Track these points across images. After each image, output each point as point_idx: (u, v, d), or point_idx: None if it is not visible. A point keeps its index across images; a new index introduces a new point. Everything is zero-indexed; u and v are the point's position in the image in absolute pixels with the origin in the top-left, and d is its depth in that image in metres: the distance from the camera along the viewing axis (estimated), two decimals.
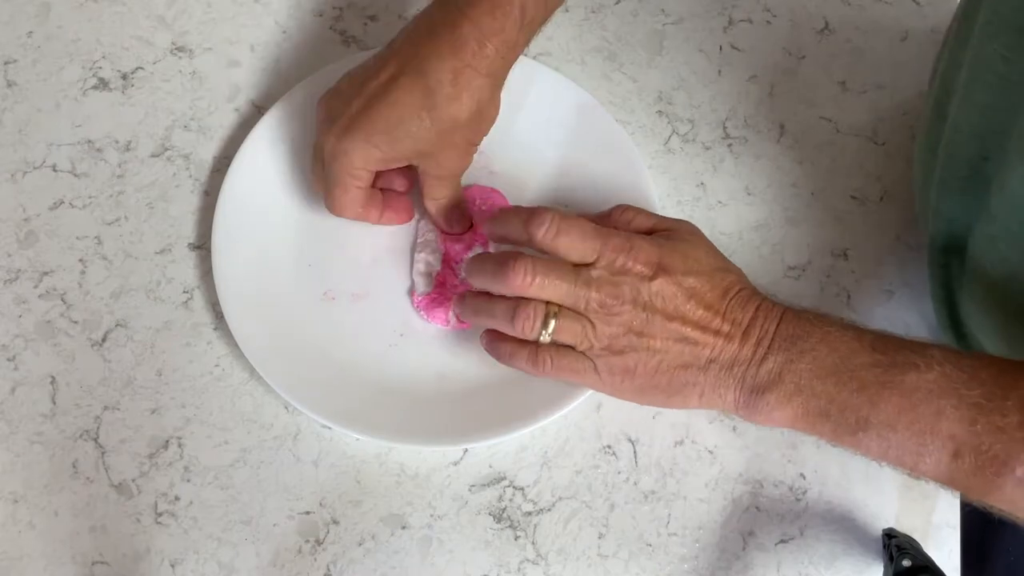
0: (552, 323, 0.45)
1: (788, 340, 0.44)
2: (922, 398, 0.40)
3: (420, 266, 0.54)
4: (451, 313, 0.53)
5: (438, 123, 0.48)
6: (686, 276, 0.45)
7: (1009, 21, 0.42)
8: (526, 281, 0.45)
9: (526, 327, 0.45)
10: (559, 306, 0.45)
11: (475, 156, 0.52)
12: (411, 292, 0.54)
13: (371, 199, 0.52)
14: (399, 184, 0.54)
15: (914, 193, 0.57)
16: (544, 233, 0.45)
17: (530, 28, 0.48)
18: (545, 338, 0.45)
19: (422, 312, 0.53)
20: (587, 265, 0.45)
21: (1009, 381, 0.39)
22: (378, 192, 0.53)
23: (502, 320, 0.46)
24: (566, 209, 0.56)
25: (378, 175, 0.52)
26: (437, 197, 0.53)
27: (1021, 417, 0.38)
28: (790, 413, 0.43)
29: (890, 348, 0.42)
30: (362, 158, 0.49)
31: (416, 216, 0.56)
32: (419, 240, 0.55)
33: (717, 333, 0.45)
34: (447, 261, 0.54)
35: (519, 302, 0.45)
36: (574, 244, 0.45)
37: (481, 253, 0.54)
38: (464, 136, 0.49)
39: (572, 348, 0.46)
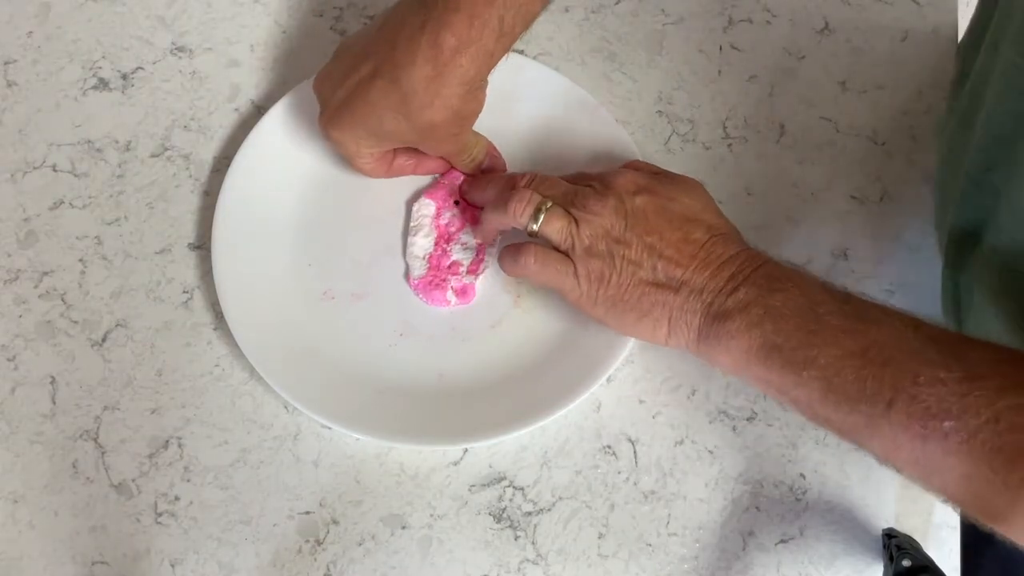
0: (542, 214, 0.48)
1: (764, 279, 0.44)
2: (874, 346, 0.40)
3: (415, 249, 0.54)
4: (448, 293, 0.53)
5: (415, 124, 0.48)
6: (672, 201, 0.48)
7: None
8: (525, 179, 0.51)
9: (518, 209, 0.49)
10: (551, 202, 0.49)
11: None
12: (407, 276, 0.54)
13: (397, 158, 0.54)
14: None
15: (934, 203, 0.57)
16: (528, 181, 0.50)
17: (508, 37, 0.48)
18: (534, 227, 0.48)
19: (420, 295, 0.54)
20: (583, 182, 0.50)
21: (966, 348, 0.39)
22: (407, 150, 0.54)
23: (498, 200, 0.50)
24: None
25: None
26: (461, 163, 0.55)
27: (963, 374, 0.37)
28: (746, 344, 0.43)
29: (860, 304, 0.43)
30: (353, 145, 0.51)
31: (408, 199, 0.56)
32: (412, 224, 0.55)
33: (693, 257, 0.46)
34: (440, 243, 0.55)
35: (516, 189, 0.50)
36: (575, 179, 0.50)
37: (482, 176, 0.56)
38: (447, 132, 0.50)
39: (555, 250, 0.49)
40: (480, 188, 0.54)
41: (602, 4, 0.63)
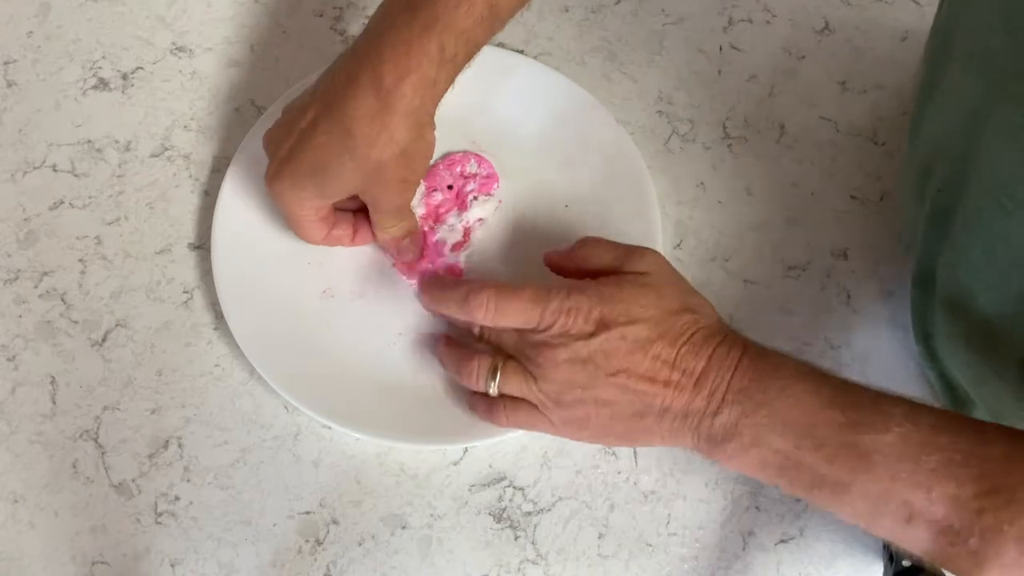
0: (498, 374, 0.47)
1: (742, 393, 0.42)
2: (879, 461, 0.39)
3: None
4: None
5: (361, 164, 0.46)
6: (629, 326, 0.44)
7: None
8: (475, 331, 0.49)
9: (471, 379, 0.48)
10: (505, 358, 0.47)
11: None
12: (393, 264, 0.55)
13: (337, 225, 0.52)
14: (353, 203, 0.53)
15: (900, 224, 0.56)
16: (484, 314, 0.45)
17: (451, 65, 0.46)
18: (493, 390, 0.47)
19: (403, 273, 0.54)
20: (531, 330, 0.46)
21: (967, 447, 0.38)
22: (346, 215, 0.52)
23: (451, 370, 0.50)
24: (566, 208, 0.56)
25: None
26: (385, 228, 0.52)
27: (977, 488, 0.37)
28: (747, 462, 0.42)
29: (849, 406, 0.41)
30: (295, 201, 0.49)
31: None
32: None
33: (667, 384, 0.44)
34: (428, 220, 0.56)
35: (466, 355, 0.48)
36: (515, 316, 0.45)
37: (440, 279, 0.52)
38: (395, 175, 0.48)
39: (526, 403, 0.47)
40: (436, 299, 0.49)
41: (602, 4, 0.63)
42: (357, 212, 0.53)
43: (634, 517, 0.51)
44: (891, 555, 0.49)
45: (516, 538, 0.51)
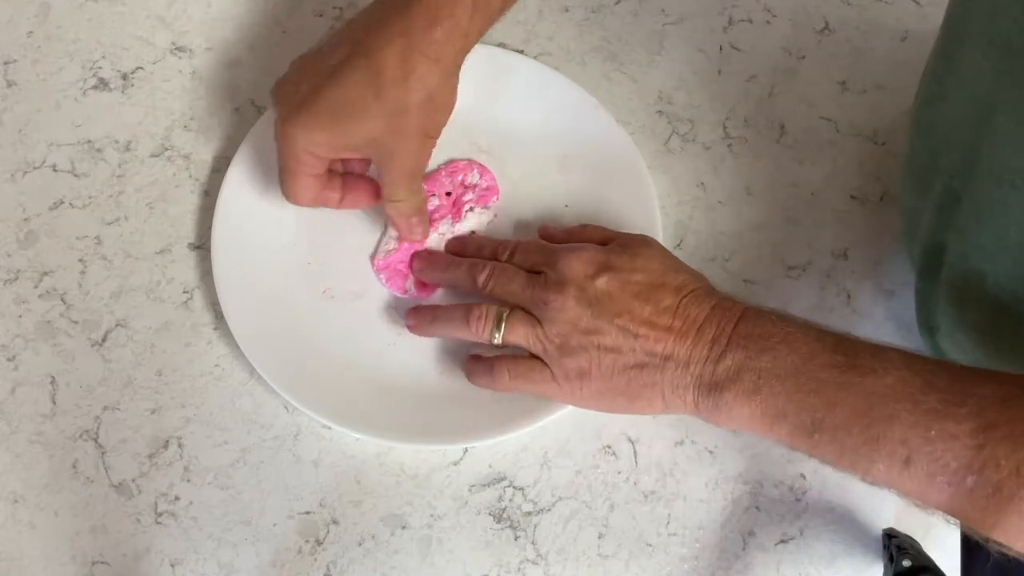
0: (503, 323, 0.47)
1: (746, 338, 0.43)
2: (877, 401, 0.39)
3: (390, 230, 0.54)
4: (408, 282, 0.54)
5: (386, 107, 0.46)
6: (634, 273, 0.46)
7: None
8: (480, 279, 0.49)
9: (479, 326, 0.48)
10: (510, 308, 0.47)
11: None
12: (372, 258, 0.54)
13: (327, 185, 0.51)
14: (358, 165, 0.53)
15: (901, 215, 0.56)
16: (505, 251, 0.49)
17: (483, 16, 0.47)
18: (497, 339, 0.47)
19: (381, 274, 0.54)
20: (537, 273, 0.48)
21: (965, 387, 0.38)
22: (337, 176, 0.52)
23: (458, 323, 0.49)
24: (566, 208, 0.56)
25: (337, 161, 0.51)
26: (396, 199, 0.50)
27: (975, 424, 0.37)
28: (747, 412, 0.42)
29: (850, 350, 0.41)
30: (307, 142, 0.47)
31: None
32: None
33: (669, 329, 0.44)
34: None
35: (472, 305, 0.48)
36: (526, 257, 0.49)
37: (434, 253, 0.54)
38: (416, 124, 0.47)
39: (528, 357, 0.47)
40: (435, 271, 0.53)
41: (602, 4, 0.63)
42: (347, 175, 0.52)
43: (634, 517, 0.51)
44: (891, 555, 0.49)
45: (516, 538, 0.51)
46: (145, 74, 0.59)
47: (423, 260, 0.53)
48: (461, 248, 0.54)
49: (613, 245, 0.48)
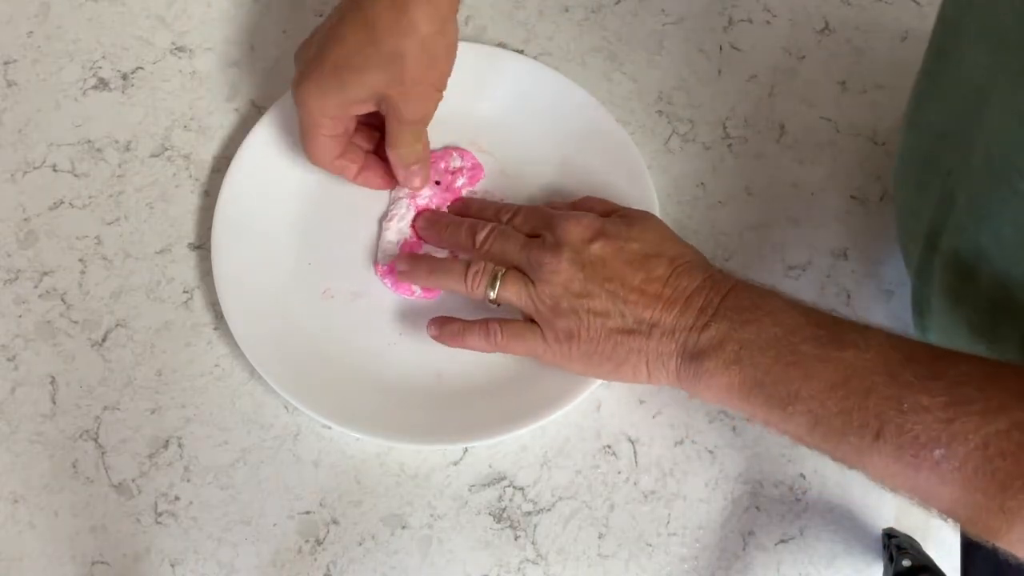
0: (498, 282, 0.48)
1: (733, 310, 0.43)
2: (854, 375, 0.39)
3: (390, 235, 0.54)
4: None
5: (383, 56, 0.46)
6: (628, 241, 0.47)
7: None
8: (479, 237, 0.50)
9: (475, 281, 0.49)
10: (506, 267, 0.49)
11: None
12: (374, 263, 0.54)
13: (347, 153, 0.52)
14: (363, 140, 0.54)
15: (896, 215, 0.56)
16: (507, 213, 0.51)
17: None
18: (492, 295, 0.48)
19: (386, 280, 0.54)
20: (537, 235, 0.49)
21: (943, 365, 0.38)
22: (359, 150, 0.53)
23: (455, 277, 0.50)
24: None
25: (357, 132, 0.53)
26: (398, 146, 0.51)
27: (948, 398, 0.37)
28: (726, 381, 0.43)
29: (834, 325, 0.42)
30: (317, 104, 0.48)
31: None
32: (390, 211, 0.55)
33: (658, 297, 0.45)
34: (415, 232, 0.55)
35: (470, 261, 0.50)
36: (526, 220, 0.50)
37: (435, 212, 0.55)
38: (416, 73, 0.47)
39: (521, 320, 0.49)
40: (437, 230, 0.53)
41: (602, 4, 0.63)
42: (371, 154, 0.54)
43: (634, 517, 0.51)
44: (891, 555, 0.49)
45: (516, 538, 0.51)
46: (145, 74, 0.59)
47: (426, 219, 0.54)
48: (464, 209, 0.55)
49: (614, 216, 0.49)
